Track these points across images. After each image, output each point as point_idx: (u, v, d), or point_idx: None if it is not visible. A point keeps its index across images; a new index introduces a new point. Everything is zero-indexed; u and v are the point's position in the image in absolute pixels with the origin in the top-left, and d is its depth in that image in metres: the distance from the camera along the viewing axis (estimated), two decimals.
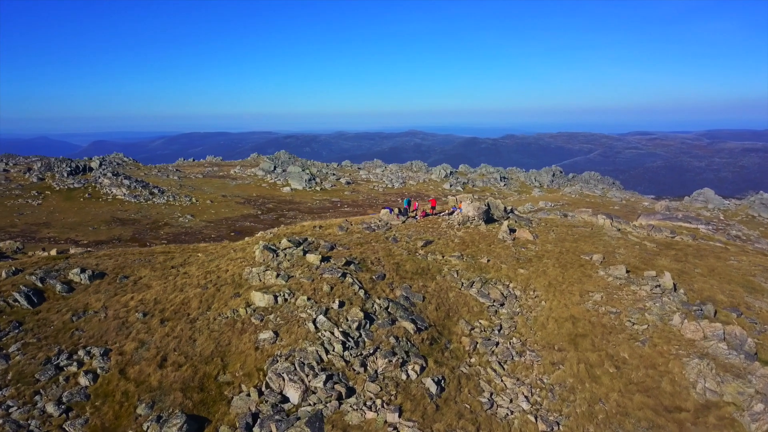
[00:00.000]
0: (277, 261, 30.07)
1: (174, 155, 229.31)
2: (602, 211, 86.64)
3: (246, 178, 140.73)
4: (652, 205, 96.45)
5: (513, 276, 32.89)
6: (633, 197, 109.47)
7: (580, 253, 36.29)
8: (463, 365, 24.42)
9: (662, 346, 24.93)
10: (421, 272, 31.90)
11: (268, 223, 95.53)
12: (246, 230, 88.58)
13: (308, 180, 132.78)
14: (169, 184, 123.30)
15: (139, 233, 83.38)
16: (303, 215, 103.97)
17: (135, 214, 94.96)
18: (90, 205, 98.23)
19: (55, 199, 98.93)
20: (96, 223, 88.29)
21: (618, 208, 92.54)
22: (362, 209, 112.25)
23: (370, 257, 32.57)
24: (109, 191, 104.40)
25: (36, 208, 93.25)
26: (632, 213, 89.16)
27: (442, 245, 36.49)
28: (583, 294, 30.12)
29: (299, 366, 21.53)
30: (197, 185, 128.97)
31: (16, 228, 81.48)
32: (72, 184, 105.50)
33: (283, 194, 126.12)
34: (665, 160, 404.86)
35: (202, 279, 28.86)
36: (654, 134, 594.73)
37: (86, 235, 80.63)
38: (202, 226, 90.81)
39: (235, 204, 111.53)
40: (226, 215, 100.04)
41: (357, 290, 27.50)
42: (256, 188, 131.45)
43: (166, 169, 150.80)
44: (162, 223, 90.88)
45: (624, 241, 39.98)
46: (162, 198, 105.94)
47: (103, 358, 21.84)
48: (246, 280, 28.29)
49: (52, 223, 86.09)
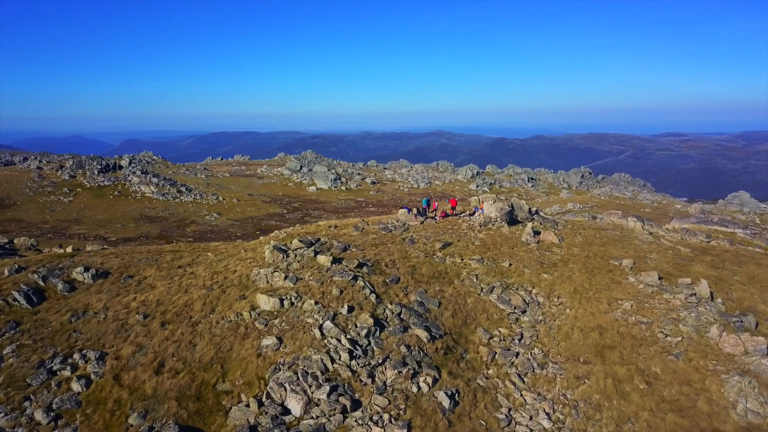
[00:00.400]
0: (287, 262, 28.76)
1: (203, 154, 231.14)
2: (632, 213, 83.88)
3: (272, 177, 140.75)
4: (685, 208, 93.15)
5: (536, 281, 31.04)
6: (665, 200, 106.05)
7: (609, 257, 34.21)
8: (479, 377, 22.74)
9: (698, 361, 22.92)
10: (438, 276, 30.26)
11: (293, 222, 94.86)
12: (271, 229, 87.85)
13: (334, 179, 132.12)
14: (197, 183, 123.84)
15: (166, 231, 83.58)
16: (328, 215, 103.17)
17: (162, 212, 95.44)
18: (119, 202, 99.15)
19: (85, 196, 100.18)
20: (125, 220, 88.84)
21: (649, 210, 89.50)
22: (387, 209, 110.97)
23: (384, 259, 31.07)
24: (138, 189, 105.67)
25: (67, 205, 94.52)
26: (664, 216, 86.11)
27: (462, 248, 34.76)
28: (612, 302, 28.12)
29: (302, 375, 20.12)
30: (224, 184, 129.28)
31: (48, 224, 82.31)
32: (102, 182, 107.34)
33: (309, 193, 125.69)
34: (698, 162, 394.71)
35: (209, 280, 27.68)
36: (687, 135, 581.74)
37: (115, 232, 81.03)
38: (228, 225, 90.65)
39: (261, 203, 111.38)
40: (252, 214, 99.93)
41: (368, 294, 26.03)
42: (282, 187, 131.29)
43: (194, 167, 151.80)
44: (189, 220, 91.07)
45: (656, 245, 37.70)
46: (189, 196, 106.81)
47: (98, 363, 20.72)
48: (253, 282, 27.02)
49: (82, 219, 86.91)
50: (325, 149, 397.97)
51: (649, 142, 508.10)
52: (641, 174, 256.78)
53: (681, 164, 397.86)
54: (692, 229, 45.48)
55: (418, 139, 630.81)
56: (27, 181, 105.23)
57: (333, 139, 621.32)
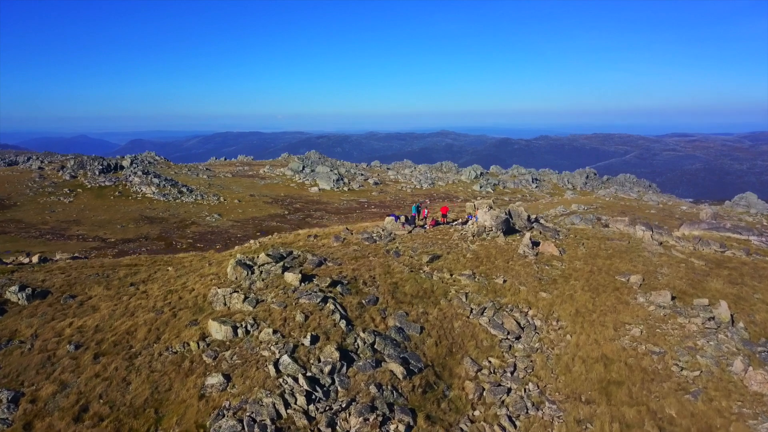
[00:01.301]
0: (250, 280, 25.53)
1: (208, 154, 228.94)
2: (639, 217, 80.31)
3: (274, 178, 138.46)
4: (691, 209, 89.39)
5: (533, 301, 27.66)
6: (670, 201, 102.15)
7: (615, 272, 30.73)
8: (463, 421, 19.33)
9: (720, 402, 19.52)
10: (422, 295, 27.01)
11: (294, 223, 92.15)
12: (272, 230, 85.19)
13: (336, 180, 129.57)
14: (198, 183, 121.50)
15: (166, 232, 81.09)
16: (330, 215, 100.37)
17: (163, 213, 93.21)
18: (120, 203, 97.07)
19: (86, 196, 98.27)
20: (125, 221, 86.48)
21: (654, 212, 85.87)
22: (389, 210, 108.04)
23: (363, 276, 27.86)
24: (139, 189, 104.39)
25: (67, 206, 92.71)
26: (669, 217, 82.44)
27: (452, 261, 31.48)
28: (619, 327, 24.68)
29: (248, 425, 16.77)
30: (226, 184, 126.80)
31: (47, 225, 79.85)
32: (103, 182, 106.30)
33: (311, 194, 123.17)
34: (704, 163, 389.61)
35: (161, 300, 24.50)
36: (693, 136, 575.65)
37: (114, 233, 78.47)
38: (229, 226, 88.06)
39: (263, 203, 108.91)
40: (253, 215, 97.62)
41: (337, 321, 22.66)
42: (285, 188, 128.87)
43: (196, 168, 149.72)
44: (189, 221, 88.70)
45: (667, 257, 34.12)
46: (190, 197, 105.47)
47: (9, 407, 17.45)
48: (210, 304, 23.78)
49: (82, 220, 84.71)
50: (329, 149, 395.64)
51: (655, 142, 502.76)
52: (647, 174, 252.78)
53: (687, 165, 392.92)
54: (704, 237, 41.92)
55: (422, 139, 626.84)
56: (28, 181, 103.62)
57: (338, 139, 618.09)
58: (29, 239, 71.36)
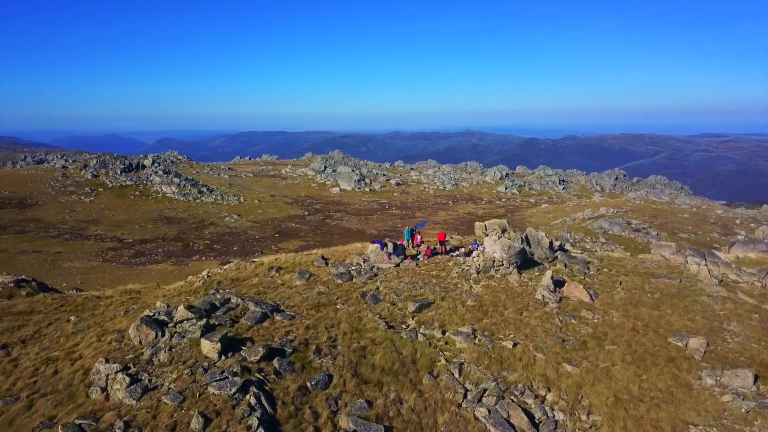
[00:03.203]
0: (156, 348, 18.97)
1: (233, 153, 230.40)
2: (671, 221, 77.26)
3: (296, 178, 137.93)
4: (726, 213, 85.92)
5: (554, 378, 19.77)
6: (704, 204, 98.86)
7: (668, 331, 22.83)
8: None
9: None
10: (398, 369, 19.28)
11: (313, 224, 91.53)
12: (291, 231, 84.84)
13: (357, 180, 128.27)
14: (219, 183, 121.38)
15: (184, 233, 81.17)
16: (350, 217, 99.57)
17: (182, 213, 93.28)
18: (140, 202, 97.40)
19: (106, 196, 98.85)
20: (143, 221, 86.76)
21: (688, 216, 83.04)
22: (410, 212, 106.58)
23: (320, 338, 20.63)
24: (159, 189, 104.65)
25: (87, 205, 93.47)
26: (704, 222, 79.43)
27: (446, 311, 24.40)
28: (679, 430, 17.32)
29: None
30: (247, 184, 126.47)
31: (66, 225, 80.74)
32: (124, 182, 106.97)
33: (332, 195, 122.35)
34: (738, 164, 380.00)
35: (28, 376, 18.18)
36: (726, 136, 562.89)
37: (132, 234, 78.91)
38: (248, 227, 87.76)
39: (283, 204, 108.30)
40: (272, 215, 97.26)
41: (254, 428, 14.65)
42: (306, 188, 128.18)
43: (218, 167, 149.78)
44: (208, 222, 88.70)
45: (732, 303, 25.78)
46: (210, 197, 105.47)
47: None
48: (88, 387, 16.98)
49: (101, 220, 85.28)
50: (354, 149, 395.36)
51: (687, 143, 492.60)
52: (677, 176, 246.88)
53: (719, 166, 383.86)
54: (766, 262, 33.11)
55: (447, 139, 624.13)
56: (50, 180, 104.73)
57: (362, 138, 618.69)
58: (47, 239, 71.50)
